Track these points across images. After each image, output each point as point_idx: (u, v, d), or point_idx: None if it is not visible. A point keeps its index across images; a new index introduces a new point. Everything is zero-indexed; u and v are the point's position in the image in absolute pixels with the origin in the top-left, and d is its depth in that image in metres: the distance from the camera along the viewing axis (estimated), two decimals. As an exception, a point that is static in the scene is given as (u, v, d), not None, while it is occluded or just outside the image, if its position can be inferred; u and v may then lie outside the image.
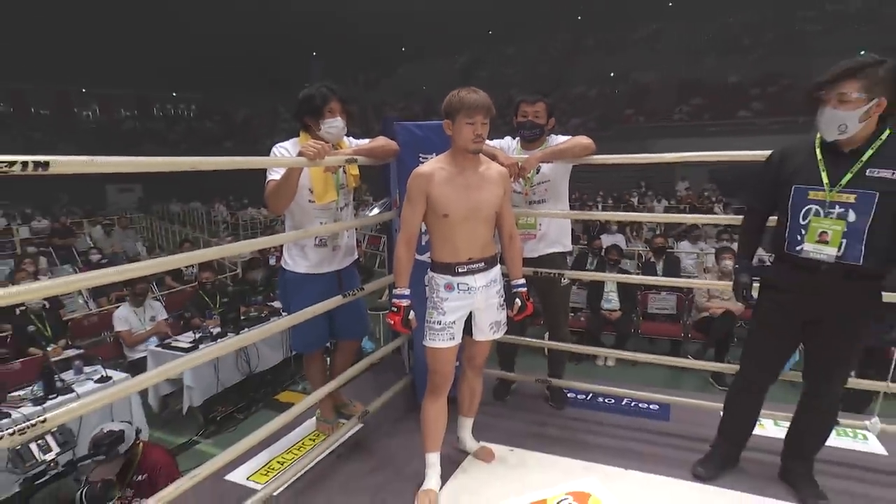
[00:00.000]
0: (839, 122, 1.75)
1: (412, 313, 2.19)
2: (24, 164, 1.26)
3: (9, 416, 3.32)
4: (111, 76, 28.29)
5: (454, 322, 2.17)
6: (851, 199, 1.79)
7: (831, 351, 1.98)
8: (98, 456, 2.44)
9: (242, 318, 4.78)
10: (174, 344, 4.36)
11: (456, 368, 2.32)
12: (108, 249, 9.63)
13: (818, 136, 1.92)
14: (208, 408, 4.42)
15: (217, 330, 4.58)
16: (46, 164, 1.29)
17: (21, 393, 3.56)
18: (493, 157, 2.59)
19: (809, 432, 2.16)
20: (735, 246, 6.52)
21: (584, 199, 14.32)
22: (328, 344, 2.87)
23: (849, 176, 1.79)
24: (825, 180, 1.83)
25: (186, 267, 7.12)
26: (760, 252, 6.23)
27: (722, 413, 2.36)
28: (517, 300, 2.29)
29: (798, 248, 1.89)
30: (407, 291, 2.19)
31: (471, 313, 2.23)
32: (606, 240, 7.33)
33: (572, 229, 9.11)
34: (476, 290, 2.17)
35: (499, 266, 2.29)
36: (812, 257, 1.85)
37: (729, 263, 5.18)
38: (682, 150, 2.52)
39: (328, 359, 2.98)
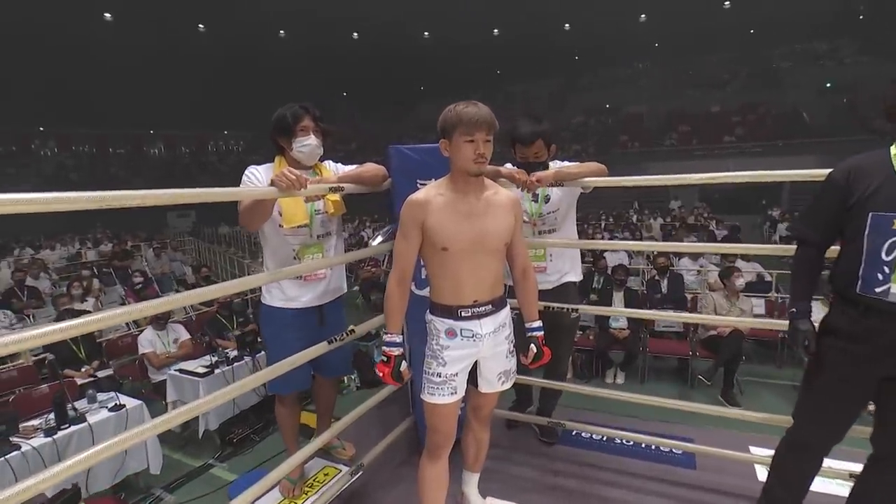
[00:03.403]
0: None
1: (404, 364, 1.66)
2: None
3: (18, 448, 2.86)
4: (174, 119, 28.72)
5: (456, 374, 1.63)
6: (958, 229, 1.21)
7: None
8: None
9: (259, 339, 4.28)
10: (190, 369, 3.87)
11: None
12: (157, 270, 9.30)
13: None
14: (225, 429, 3.92)
15: (234, 353, 4.10)
16: None
17: (35, 422, 3.09)
18: (497, 174, 2.05)
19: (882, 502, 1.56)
20: (740, 263, 5.88)
21: (587, 219, 13.69)
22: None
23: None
24: None
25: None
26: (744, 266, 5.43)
27: (768, 473, 1.76)
28: (532, 346, 1.74)
29: (879, 289, 1.30)
30: (399, 338, 1.66)
31: (476, 361, 1.69)
32: (611, 258, 6.70)
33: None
34: (482, 338, 1.62)
35: (508, 307, 1.74)
36: (903, 302, 1.27)
37: (740, 283, 4.54)
38: (674, 173, 1.96)
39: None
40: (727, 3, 25.33)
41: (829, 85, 21.76)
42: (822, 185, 1.49)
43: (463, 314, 1.61)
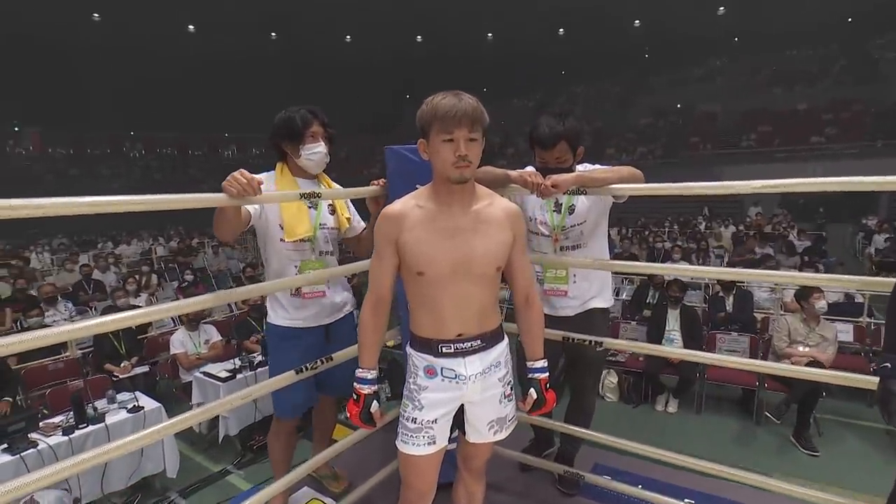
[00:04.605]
0: None
1: (375, 404, 1.40)
2: None
3: (36, 445, 2.89)
4: (246, 123, 30.40)
5: (435, 420, 1.35)
6: None
7: None
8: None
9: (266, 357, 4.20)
10: (214, 372, 3.83)
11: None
12: (214, 267, 9.67)
13: None
14: (247, 435, 3.84)
15: (259, 358, 4.02)
16: None
17: (58, 420, 3.13)
18: (506, 180, 1.75)
19: None
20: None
21: (647, 225, 12.85)
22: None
23: None
24: None
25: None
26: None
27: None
28: (532, 390, 1.43)
29: None
30: (371, 374, 1.41)
31: (462, 406, 1.40)
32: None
33: (635, 256, 7.78)
34: (467, 380, 1.33)
35: (505, 341, 1.44)
36: None
37: (821, 305, 3.88)
38: (751, 177, 1.49)
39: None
40: (820, -10, 23.08)
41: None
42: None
43: (444, 350, 1.33)
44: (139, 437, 1.25)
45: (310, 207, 1.89)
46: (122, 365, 4.40)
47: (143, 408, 3.27)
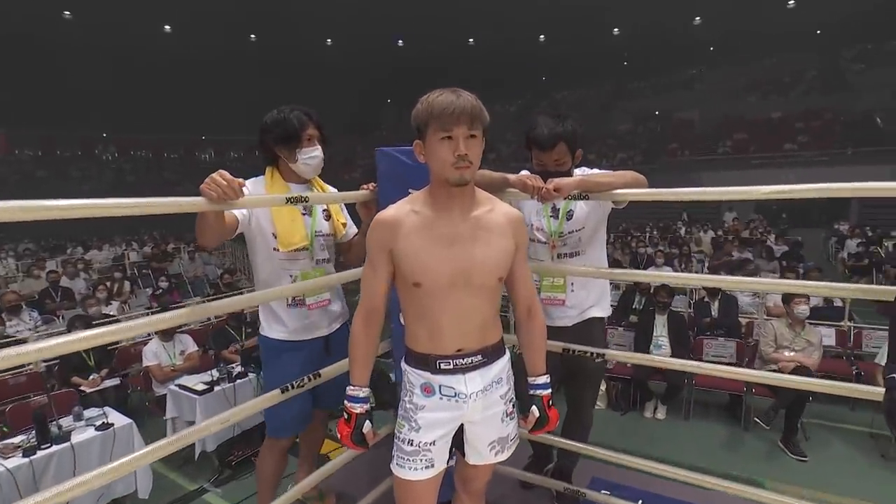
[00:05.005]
0: None
1: (368, 424, 1.30)
2: None
3: (-6, 468, 2.68)
4: (225, 126, 29.88)
5: (433, 442, 1.26)
6: None
7: None
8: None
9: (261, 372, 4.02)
10: (190, 385, 3.64)
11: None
12: (190, 273, 9.39)
13: None
14: (225, 451, 3.66)
15: (238, 369, 3.85)
16: None
17: (18, 439, 2.91)
18: (505, 183, 1.67)
19: None
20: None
21: (629, 230, 12.97)
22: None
23: None
24: None
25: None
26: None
27: None
28: (534, 407, 1.35)
29: None
30: (363, 392, 1.31)
31: (462, 425, 1.31)
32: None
33: (618, 262, 7.80)
34: (468, 398, 1.24)
35: (507, 356, 1.35)
36: None
37: (802, 309, 3.90)
38: (729, 183, 1.46)
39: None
40: (791, 2, 23.80)
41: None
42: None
43: (442, 366, 1.24)
44: (106, 470, 1.13)
45: (304, 214, 1.79)
46: (90, 378, 4.17)
47: (112, 425, 3.07)
